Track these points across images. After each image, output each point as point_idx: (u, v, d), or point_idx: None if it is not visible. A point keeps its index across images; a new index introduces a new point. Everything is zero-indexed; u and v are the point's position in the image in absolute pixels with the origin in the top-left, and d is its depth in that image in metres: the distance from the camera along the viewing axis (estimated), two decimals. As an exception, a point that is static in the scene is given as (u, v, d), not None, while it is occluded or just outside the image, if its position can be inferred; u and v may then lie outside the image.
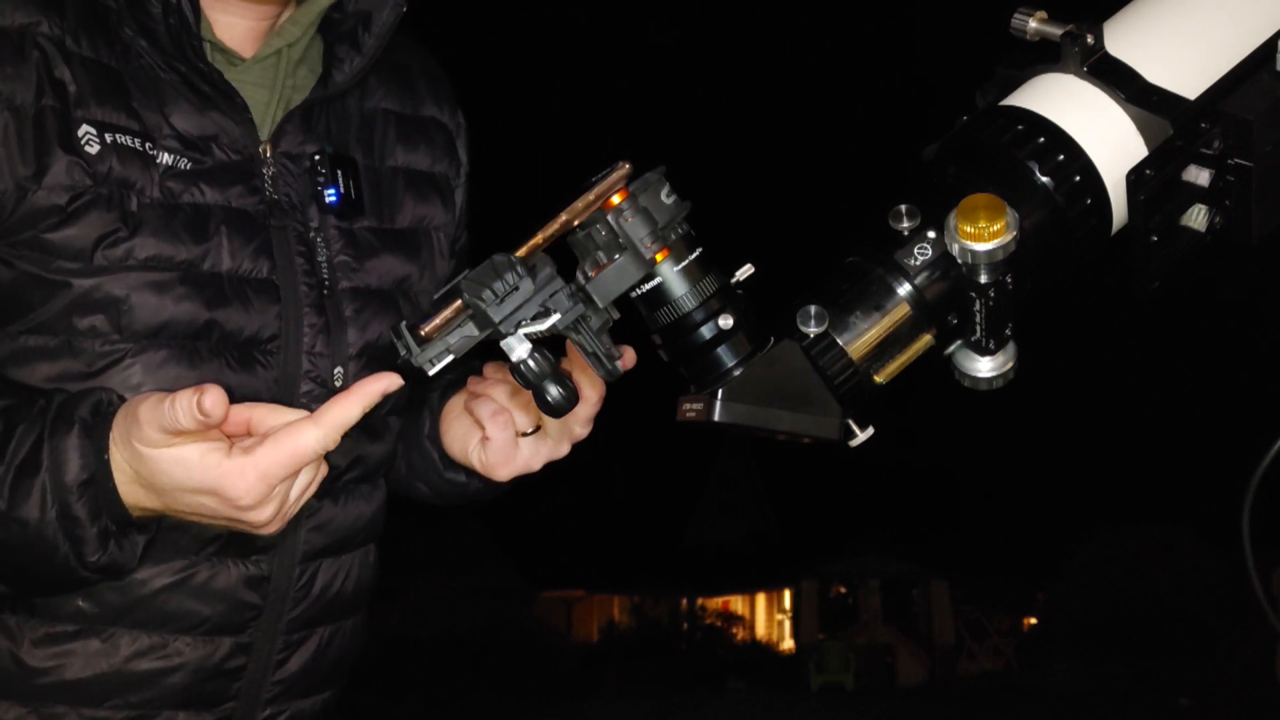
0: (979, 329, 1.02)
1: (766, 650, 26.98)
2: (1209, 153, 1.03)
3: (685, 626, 26.96)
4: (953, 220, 0.98)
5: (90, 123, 1.19)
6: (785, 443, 1.03)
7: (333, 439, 1.03)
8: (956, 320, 1.02)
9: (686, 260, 0.98)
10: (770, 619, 29.26)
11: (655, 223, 0.96)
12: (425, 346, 0.95)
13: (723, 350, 0.99)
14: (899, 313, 1.01)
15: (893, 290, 1.01)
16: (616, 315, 1.00)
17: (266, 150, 1.28)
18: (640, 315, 1.03)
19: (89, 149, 1.18)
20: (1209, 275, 1.26)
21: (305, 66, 1.35)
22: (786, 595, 28.42)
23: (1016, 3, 1.10)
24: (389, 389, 1.03)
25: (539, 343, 0.97)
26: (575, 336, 0.99)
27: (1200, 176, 1.04)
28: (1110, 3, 1.12)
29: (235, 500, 1.04)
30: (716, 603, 27.67)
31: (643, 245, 0.95)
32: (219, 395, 0.99)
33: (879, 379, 1.02)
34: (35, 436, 1.08)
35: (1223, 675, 16.82)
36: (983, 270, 0.98)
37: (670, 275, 0.98)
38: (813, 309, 1.00)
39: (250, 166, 1.27)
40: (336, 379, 1.28)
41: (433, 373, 0.96)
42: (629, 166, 0.96)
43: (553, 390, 0.98)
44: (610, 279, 0.96)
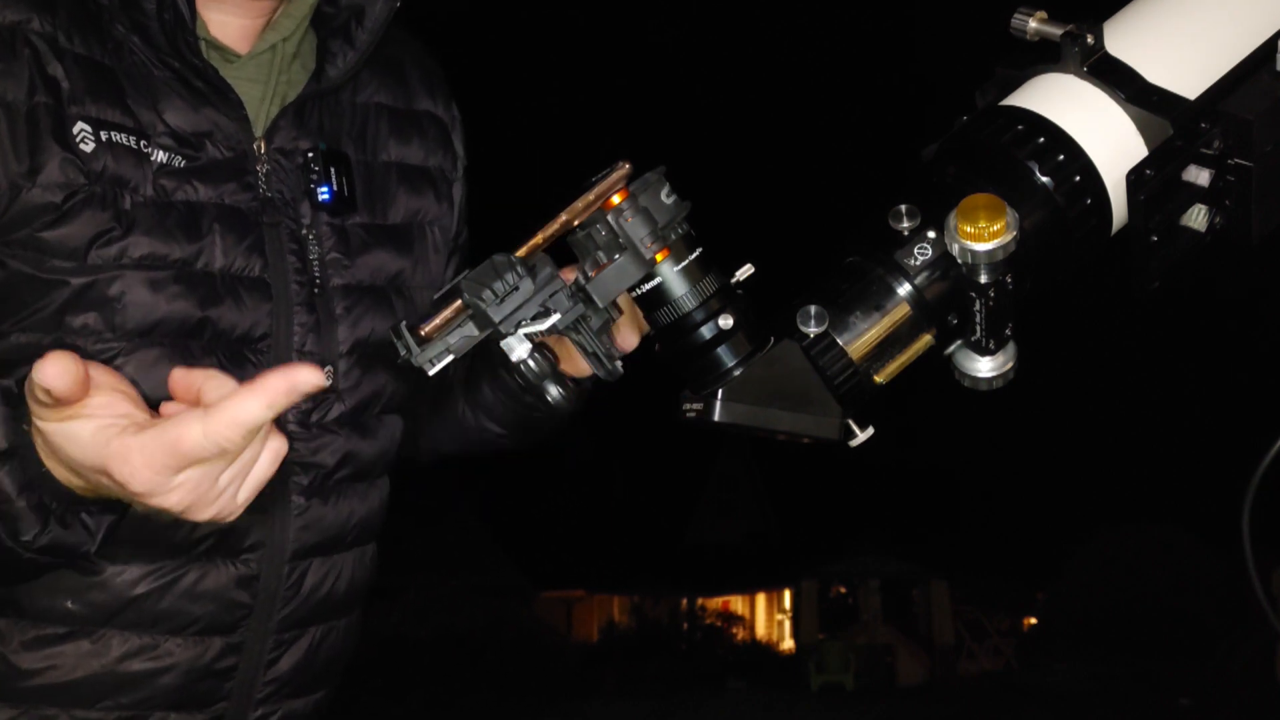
0: (979, 329, 1.02)
1: (766, 650, 26.97)
2: (1209, 153, 1.03)
3: (685, 626, 26.95)
4: (953, 220, 0.98)
5: (85, 120, 1.18)
6: (785, 443, 1.03)
7: (224, 436, 0.88)
8: (956, 320, 1.02)
9: (686, 260, 0.98)
10: (770, 619, 29.26)
11: (655, 223, 0.96)
12: (425, 346, 0.95)
13: (723, 350, 0.99)
14: (899, 313, 1.01)
15: (893, 290, 1.01)
16: (617, 315, 1.00)
17: (260, 146, 1.28)
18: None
19: (84, 147, 1.17)
20: (1209, 275, 1.26)
21: (299, 62, 1.35)
22: (786, 595, 28.41)
23: (1016, 3, 1.10)
24: (299, 387, 0.88)
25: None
26: (575, 336, 0.99)
27: (1200, 176, 1.04)
28: (1110, 3, 1.12)
29: (124, 484, 0.92)
30: (716, 603, 27.66)
31: (643, 245, 0.96)
32: (61, 368, 0.89)
33: (879, 379, 1.02)
34: None
35: (1223, 675, 16.82)
36: (983, 270, 0.98)
37: (670, 275, 0.98)
38: (813, 309, 1.00)
39: (244, 163, 1.27)
40: (326, 377, 1.28)
41: (433, 373, 0.96)
42: (629, 166, 0.96)
43: (553, 390, 0.98)
44: (610, 279, 0.96)
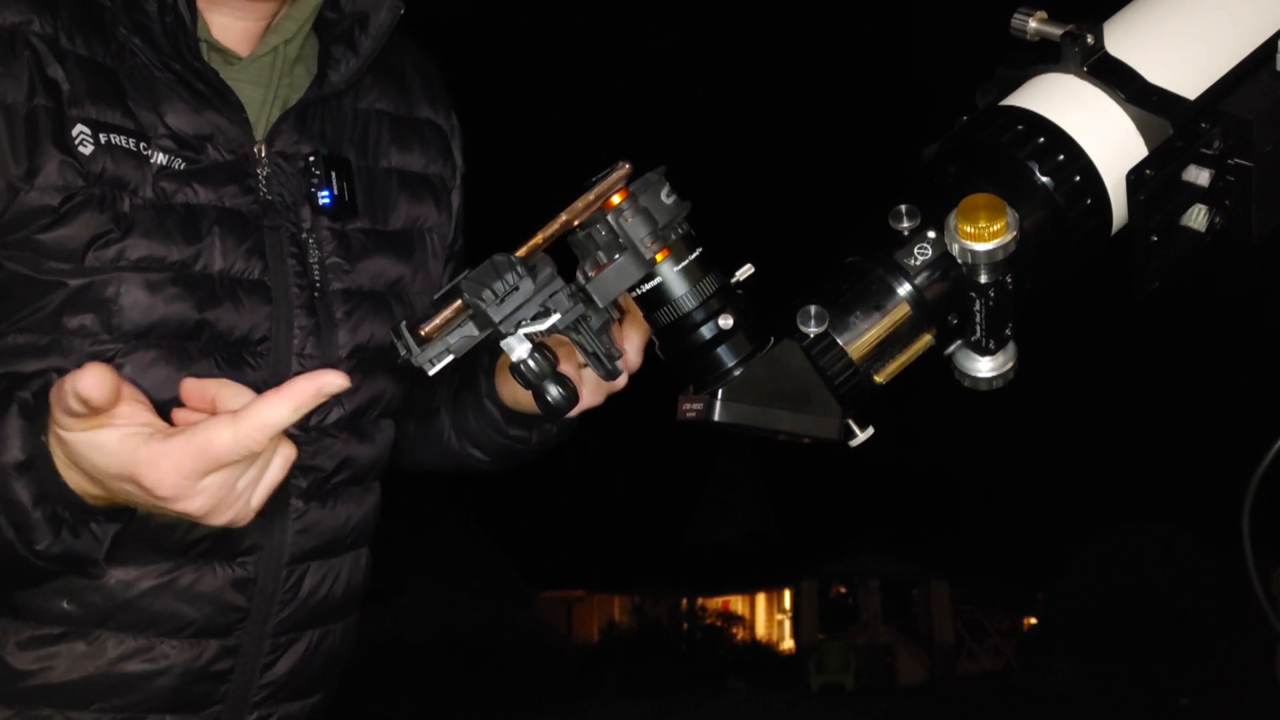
0: (979, 329, 1.02)
1: (766, 650, 26.97)
2: (1209, 153, 1.03)
3: (685, 626, 26.94)
4: (953, 220, 0.98)
5: (85, 122, 1.18)
6: (785, 443, 1.03)
7: (253, 439, 0.92)
8: (956, 320, 1.02)
9: (686, 260, 0.98)
10: (770, 619, 29.25)
11: (655, 223, 0.96)
12: (425, 346, 0.95)
13: (723, 350, 0.99)
14: (899, 313, 1.01)
15: (893, 290, 1.01)
16: (617, 315, 1.00)
17: (261, 150, 1.28)
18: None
19: (82, 149, 1.17)
20: (1209, 275, 1.26)
21: (301, 65, 1.35)
22: (786, 595, 28.41)
23: (1016, 3, 1.10)
24: (324, 390, 0.92)
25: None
26: (575, 336, 0.99)
27: (1200, 176, 1.04)
28: (1110, 3, 1.12)
29: (151, 490, 0.95)
30: (716, 603, 27.66)
31: (643, 245, 0.96)
32: (97, 378, 0.92)
33: (879, 379, 1.02)
34: None
35: (1223, 675, 16.81)
36: (983, 270, 0.98)
37: (670, 275, 0.98)
38: (813, 309, 1.00)
39: (245, 166, 1.26)
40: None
41: (433, 373, 0.96)
42: (629, 166, 0.96)
43: (553, 390, 0.98)
44: (610, 279, 0.96)
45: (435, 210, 1.44)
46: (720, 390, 0.99)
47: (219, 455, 0.93)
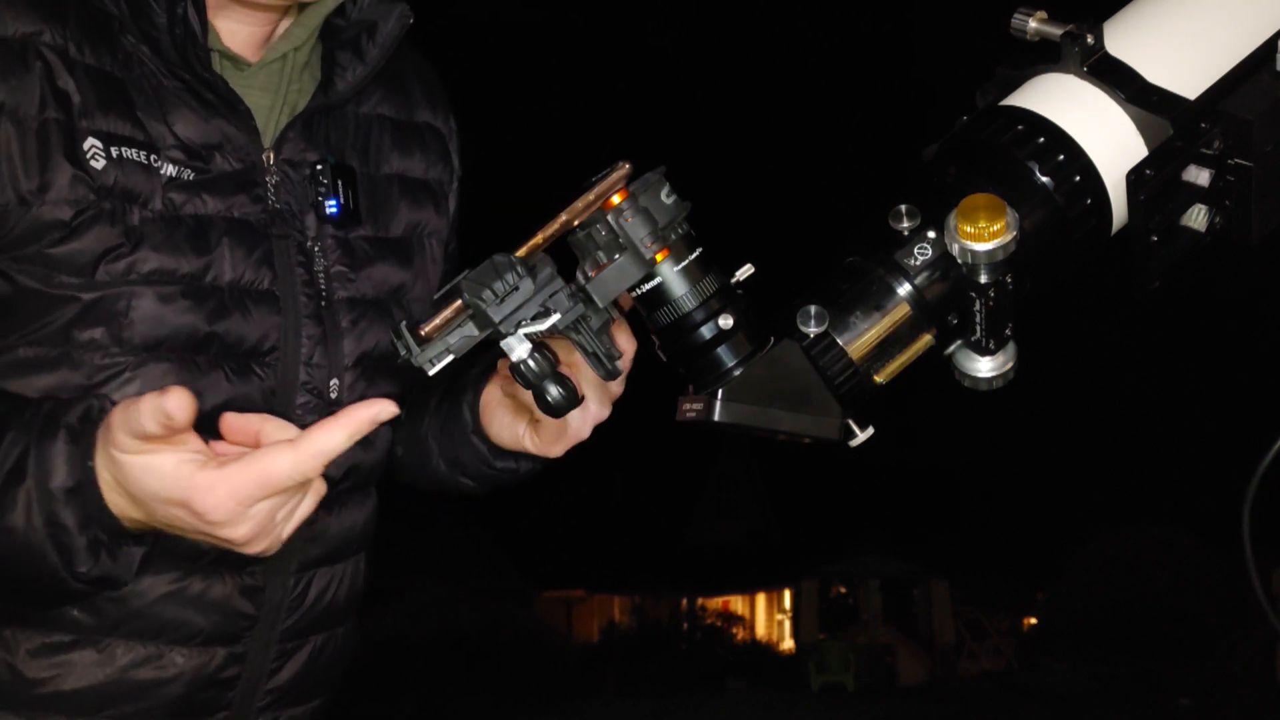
0: (979, 329, 1.02)
1: (766, 650, 26.97)
2: (1209, 153, 1.03)
3: (685, 626, 26.95)
4: (953, 220, 0.98)
5: (95, 134, 1.17)
6: (785, 443, 1.03)
7: (310, 467, 0.97)
8: (956, 320, 1.02)
9: (686, 260, 0.98)
10: (770, 619, 29.26)
11: (655, 223, 0.96)
12: (425, 346, 0.95)
13: (723, 350, 0.99)
14: (899, 313, 1.01)
15: (893, 290, 1.01)
16: (617, 315, 1.00)
17: (269, 158, 1.27)
18: (640, 315, 1.03)
19: (94, 163, 1.16)
20: (1209, 275, 1.26)
21: (307, 72, 1.34)
22: (786, 595, 28.42)
23: (1016, 3, 1.10)
24: (379, 418, 0.97)
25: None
26: (575, 336, 0.99)
27: (1200, 176, 1.04)
28: (1110, 3, 1.12)
29: (204, 515, 0.99)
30: (716, 603, 27.67)
31: (643, 245, 0.96)
32: (183, 398, 0.95)
33: (879, 379, 1.02)
34: (23, 444, 1.06)
35: (1223, 675, 16.82)
36: (983, 270, 0.98)
37: (670, 275, 0.98)
38: (813, 309, 1.00)
39: (253, 175, 1.26)
40: (332, 390, 1.28)
41: (433, 373, 0.96)
42: (629, 166, 0.96)
43: (553, 390, 0.98)
44: (610, 279, 0.96)
45: (435, 215, 1.44)
46: (720, 390, 0.99)
47: (277, 481, 0.98)
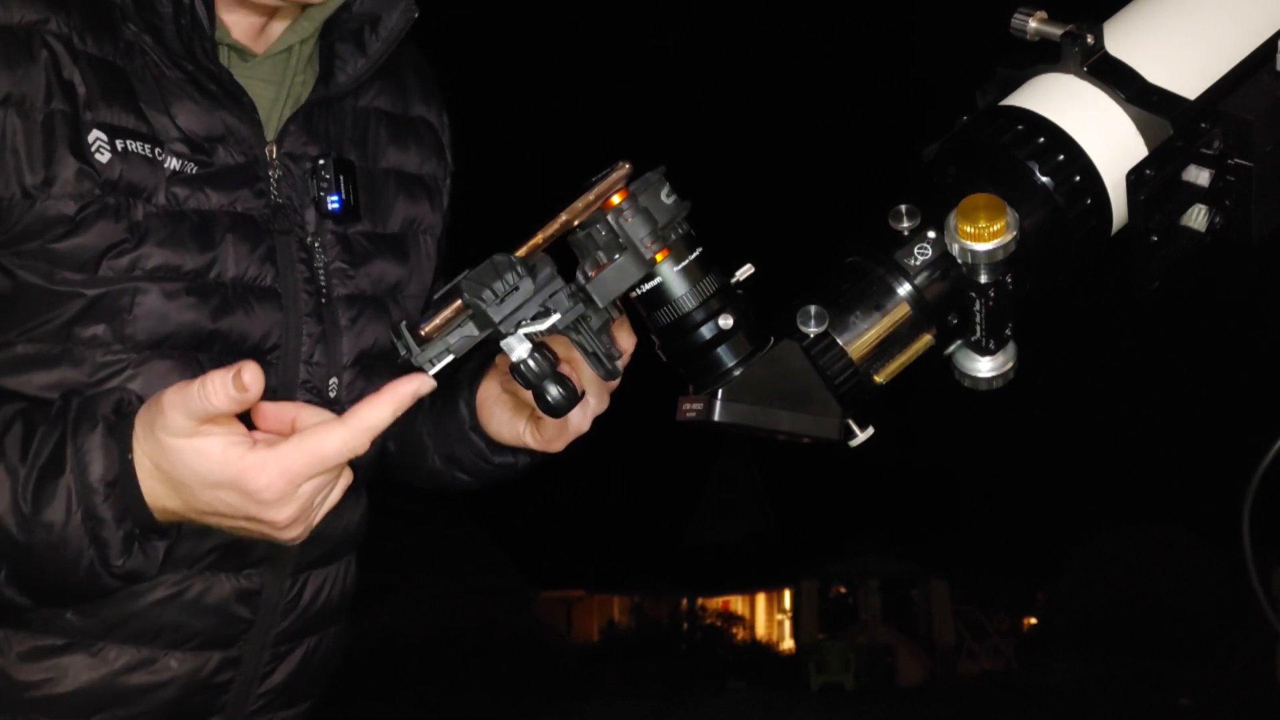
0: (979, 329, 1.02)
1: (766, 650, 26.96)
2: (1209, 153, 1.03)
3: (685, 626, 26.94)
4: (953, 220, 0.98)
5: (100, 127, 1.15)
6: (785, 443, 1.03)
7: (359, 442, 0.98)
8: (956, 320, 1.02)
9: (686, 260, 0.98)
10: (770, 619, 29.25)
11: (655, 223, 0.96)
12: (425, 346, 0.96)
13: (723, 350, 0.99)
14: (899, 313, 1.01)
15: (893, 290, 1.01)
16: (617, 315, 1.00)
17: (272, 151, 1.26)
18: (640, 315, 1.03)
19: (99, 157, 1.14)
20: (1209, 275, 1.26)
21: (309, 64, 1.33)
22: (786, 595, 28.41)
23: (1016, 3, 1.10)
24: (420, 391, 0.97)
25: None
26: (575, 336, 0.99)
27: (1200, 176, 1.04)
28: (1110, 3, 1.12)
29: (256, 494, 0.99)
30: (716, 603, 27.66)
31: (643, 245, 0.96)
32: (256, 371, 0.96)
33: (879, 379, 1.02)
34: (57, 437, 1.05)
35: (1223, 675, 16.81)
36: (983, 270, 0.98)
37: (670, 275, 0.98)
38: (813, 309, 1.00)
39: (255, 168, 1.24)
40: (331, 389, 1.27)
41: (433, 372, 0.96)
42: (629, 166, 0.96)
43: (553, 390, 0.98)
44: (610, 279, 0.96)
45: (430, 211, 1.43)
46: (720, 390, 0.99)
47: (329, 458, 0.99)
